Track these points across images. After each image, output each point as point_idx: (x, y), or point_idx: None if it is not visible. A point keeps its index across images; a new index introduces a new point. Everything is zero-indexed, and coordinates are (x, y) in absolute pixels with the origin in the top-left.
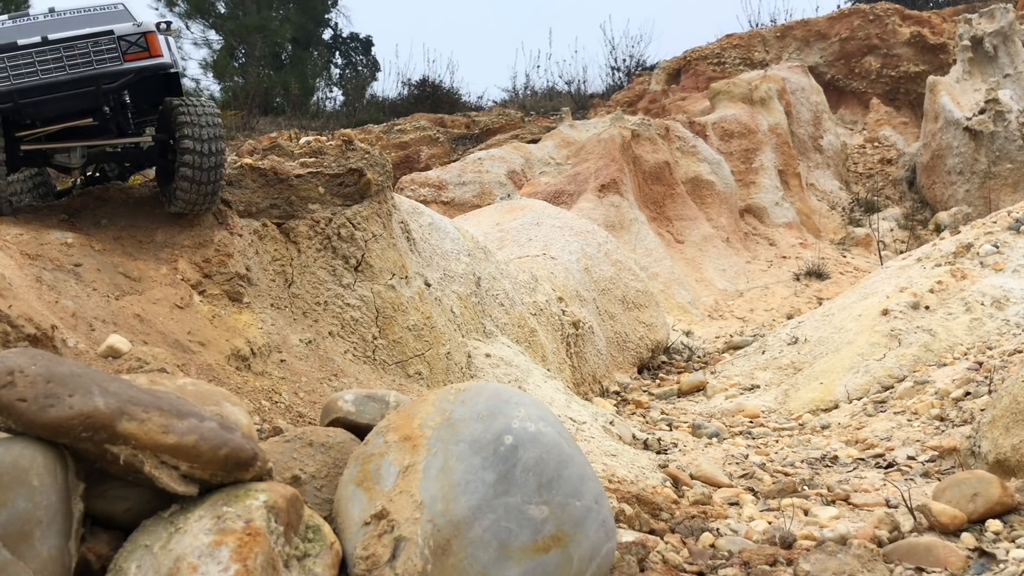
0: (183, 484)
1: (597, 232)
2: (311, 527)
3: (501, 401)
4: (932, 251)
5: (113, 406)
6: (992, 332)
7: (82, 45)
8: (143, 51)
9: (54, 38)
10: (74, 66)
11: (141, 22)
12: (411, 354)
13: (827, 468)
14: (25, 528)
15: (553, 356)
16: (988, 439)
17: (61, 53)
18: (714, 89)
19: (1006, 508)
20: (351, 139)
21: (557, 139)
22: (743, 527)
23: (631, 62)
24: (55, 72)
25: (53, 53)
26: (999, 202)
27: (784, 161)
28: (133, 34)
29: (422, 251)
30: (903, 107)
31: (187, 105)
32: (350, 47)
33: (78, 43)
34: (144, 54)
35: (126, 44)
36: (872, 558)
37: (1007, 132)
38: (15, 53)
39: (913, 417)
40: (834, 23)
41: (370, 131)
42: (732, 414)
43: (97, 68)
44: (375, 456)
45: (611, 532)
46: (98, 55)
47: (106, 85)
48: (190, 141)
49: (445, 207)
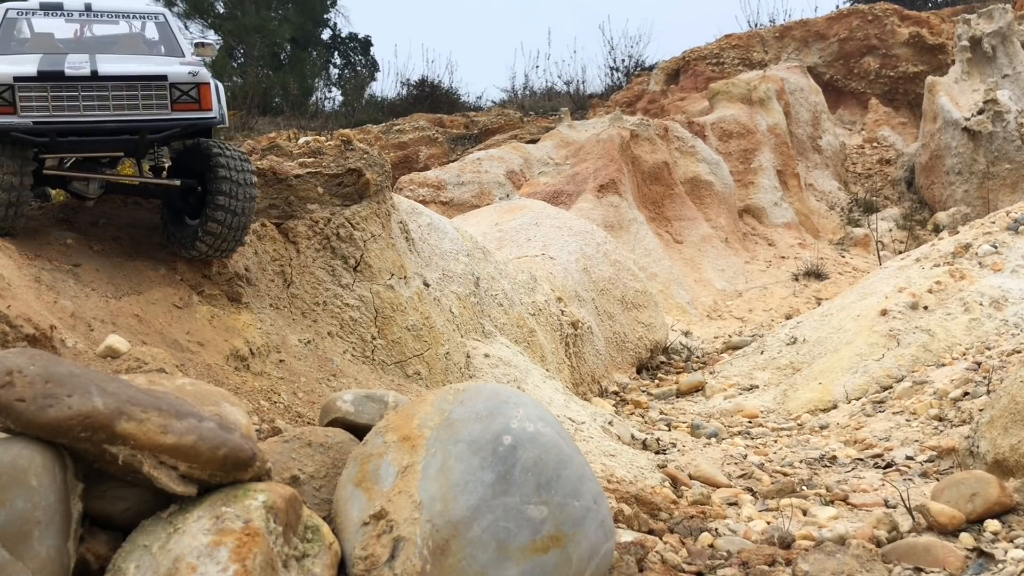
0: (182, 484)
1: (596, 232)
2: (310, 527)
3: (500, 401)
4: (931, 251)
5: (112, 406)
6: (991, 332)
7: (131, 86)
8: (194, 103)
9: (105, 73)
10: (119, 107)
11: (197, 70)
12: (410, 354)
13: (826, 468)
14: (24, 528)
15: (552, 356)
16: (986, 439)
17: (108, 92)
18: (713, 89)
19: (1004, 508)
20: (350, 139)
21: (556, 139)
22: (742, 527)
23: (630, 62)
24: (99, 111)
25: (100, 91)
26: (997, 202)
27: (783, 161)
28: (187, 83)
29: (421, 251)
30: (902, 107)
31: (225, 155)
32: (349, 47)
33: (128, 84)
34: (194, 106)
35: (177, 92)
36: (871, 558)
37: (1005, 132)
38: (60, 83)
39: (912, 417)
40: (833, 23)
41: (369, 131)
42: (731, 414)
43: (143, 114)
44: (374, 456)
45: (610, 532)
46: (146, 99)
47: (151, 136)
48: (225, 198)
49: (444, 207)
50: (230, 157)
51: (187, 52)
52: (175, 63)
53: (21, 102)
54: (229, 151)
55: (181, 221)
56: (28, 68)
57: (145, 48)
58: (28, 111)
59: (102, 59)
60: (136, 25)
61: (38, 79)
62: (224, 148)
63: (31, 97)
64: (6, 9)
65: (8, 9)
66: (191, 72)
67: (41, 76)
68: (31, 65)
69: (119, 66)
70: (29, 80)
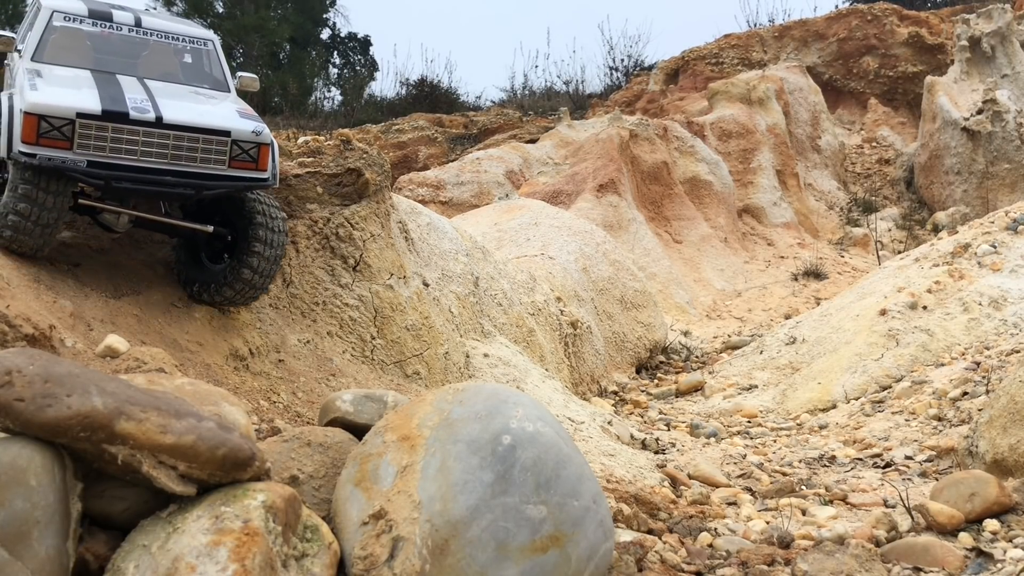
0: (181, 484)
1: (595, 232)
2: (309, 527)
3: (499, 401)
4: (930, 251)
5: (111, 406)
6: (990, 332)
7: (193, 138)
8: (251, 162)
9: (169, 121)
10: (176, 157)
11: (260, 129)
12: (409, 354)
13: (825, 468)
14: (23, 528)
15: (551, 356)
16: (986, 439)
17: (169, 140)
18: (712, 89)
19: (1003, 508)
20: (349, 139)
21: (555, 139)
22: (741, 527)
23: (629, 62)
24: (157, 158)
25: (162, 138)
26: (997, 202)
27: (782, 161)
28: (249, 143)
29: (420, 251)
30: (901, 107)
31: (262, 204)
32: (348, 47)
33: (190, 134)
34: (251, 165)
35: (237, 150)
36: (870, 558)
37: (1005, 132)
38: (121, 125)
39: (911, 417)
40: (832, 23)
41: (368, 131)
42: (730, 414)
43: (200, 167)
44: (373, 456)
45: (609, 532)
46: (205, 153)
47: (206, 191)
48: (260, 245)
49: (443, 207)
50: (266, 206)
51: (231, 84)
52: (232, 110)
53: (79, 139)
54: (265, 201)
55: (199, 263)
56: (91, 103)
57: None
58: (84, 149)
59: (163, 99)
60: (183, 48)
61: (101, 118)
62: (259, 197)
63: (90, 135)
64: (52, 11)
65: (54, 12)
66: (254, 131)
67: (105, 115)
68: (93, 98)
69: (184, 114)
70: (91, 117)
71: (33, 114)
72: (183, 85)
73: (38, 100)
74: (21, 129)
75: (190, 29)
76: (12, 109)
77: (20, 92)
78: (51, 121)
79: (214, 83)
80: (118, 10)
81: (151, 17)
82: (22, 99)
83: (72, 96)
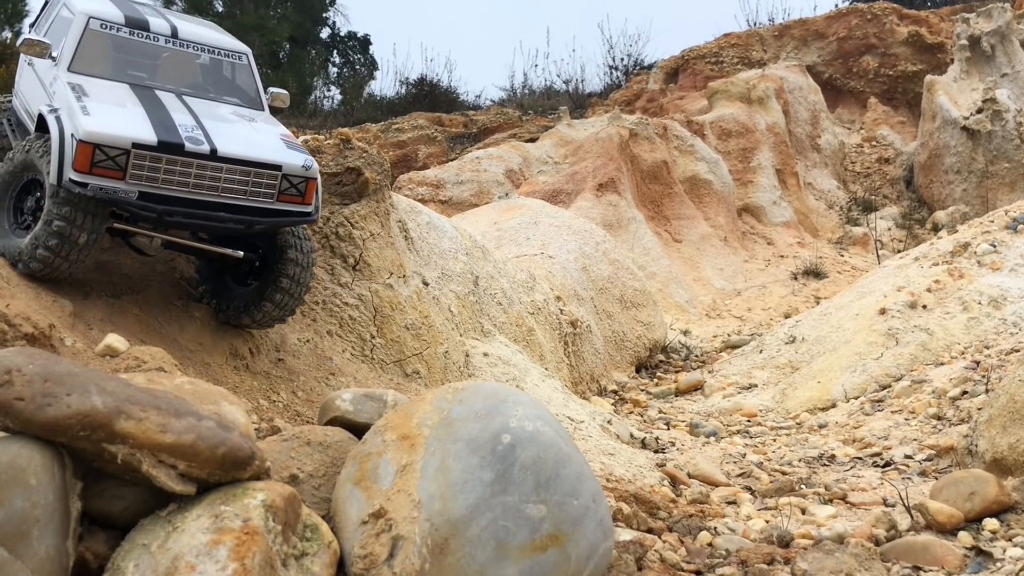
0: (181, 483)
1: (595, 231)
2: (309, 526)
3: (499, 400)
4: (929, 250)
5: (111, 405)
6: (989, 331)
7: (245, 171)
8: (298, 196)
9: (224, 155)
10: (227, 191)
11: (310, 164)
12: (409, 353)
13: (824, 467)
14: (23, 527)
15: (551, 355)
16: (985, 438)
17: (222, 173)
18: (712, 88)
19: (1003, 507)
20: (349, 138)
21: (555, 138)
22: (740, 526)
23: (629, 61)
24: (207, 191)
25: (214, 170)
26: (996, 201)
27: (782, 160)
28: (297, 176)
29: (420, 250)
30: (901, 106)
31: (295, 235)
32: (348, 46)
33: (242, 167)
34: (298, 199)
35: (286, 184)
36: (869, 557)
37: (1004, 131)
38: (175, 157)
39: (910, 416)
40: (832, 22)
41: (368, 130)
42: (730, 413)
43: (249, 200)
44: (373, 455)
45: (609, 531)
46: (255, 187)
47: (256, 227)
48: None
49: (443, 206)
50: (299, 238)
51: (264, 100)
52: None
53: (132, 169)
54: (297, 230)
55: (226, 286)
56: (146, 133)
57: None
58: (137, 180)
59: (211, 125)
60: (218, 61)
61: (157, 149)
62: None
63: (143, 166)
64: (88, 18)
65: (91, 19)
66: (304, 166)
67: (161, 146)
68: (146, 127)
69: (237, 147)
70: (147, 148)
71: (88, 143)
72: (220, 103)
73: (93, 128)
74: (74, 157)
75: (225, 40)
76: (63, 133)
77: (69, 114)
78: (106, 151)
79: (249, 100)
80: (154, 17)
81: (186, 24)
82: (73, 123)
83: (125, 123)
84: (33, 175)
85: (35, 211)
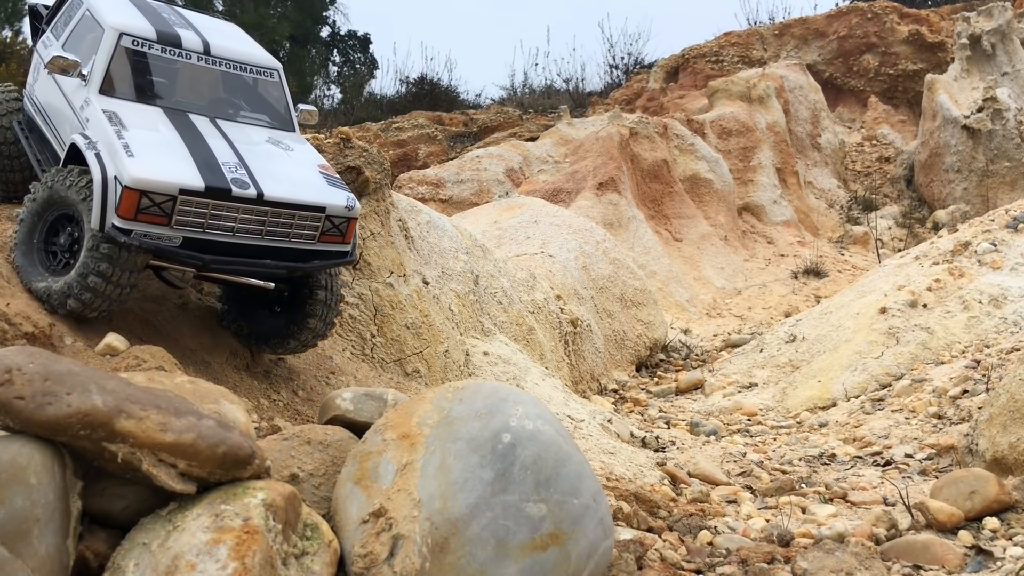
0: (181, 482)
1: (595, 230)
2: (309, 525)
3: (499, 399)
4: (930, 249)
5: (111, 404)
6: (990, 330)
7: (289, 213)
8: (339, 236)
9: (270, 199)
10: (271, 233)
11: (353, 204)
12: (409, 352)
13: (825, 466)
14: (23, 526)
15: (551, 354)
16: (985, 437)
17: (266, 216)
18: (712, 87)
19: (1003, 506)
20: (349, 137)
21: (555, 137)
22: (741, 525)
23: (629, 60)
24: (252, 235)
25: (259, 214)
26: (997, 200)
27: (782, 159)
28: (341, 218)
29: (420, 249)
30: (901, 105)
31: (327, 273)
32: (348, 45)
33: (287, 210)
34: (338, 239)
35: (329, 225)
36: (869, 556)
37: (1005, 130)
38: (221, 203)
39: (911, 415)
40: (832, 21)
41: (368, 129)
42: (730, 412)
43: (292, 243)
44: (373, 454)
45: (609, 530)
46: (299, 228)
47: (298, 272)
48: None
49: (443, 205)
50: (329, 274)
51: (295, 120)
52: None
53: (178, 215)
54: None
55: (254, 315)
56: (193, 178)
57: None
58: (181, 225)
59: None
60: (250, 79)
61: (204, 194)
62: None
63: (189, 211)
64: (119, 34)
65: (123, 35)
66: (347, 206)
67: (208, 192)
68: (192, 170)
69: (282, 189)
70: (194, 194)
71: (135, 189)
72: (253, 125)
73: (140, 175)
74: (119, 203)
75: (256, 55)
76: (106, 175)
77: (111, 153)
78: (152, 197)
79: (280, 119)
80: (185, 30)
81: (218, 38)
82: (117, 165)
83: (172, 166)
84: (63, 211)
85: (70, 250)
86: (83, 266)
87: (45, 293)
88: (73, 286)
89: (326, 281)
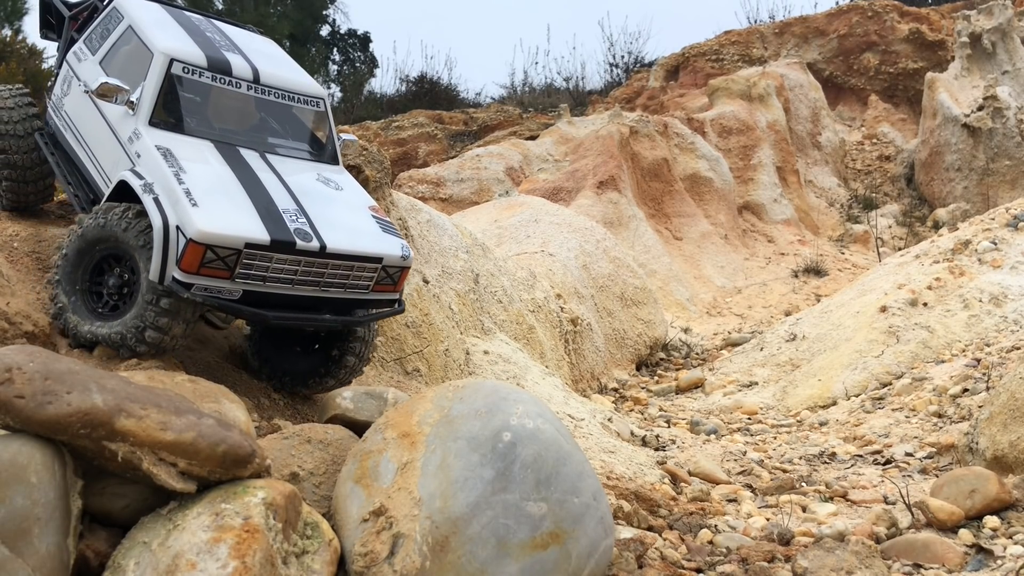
0: (181, 481)
1: (595, 229)
2: (309, 524)
3: (499, 398)
4: (930, 248)
5: (111, 403)
6: (990, 329)
7: (348, 265)
8: (391, 285)
9: (332, 250)
10: (328, 284)
11: (408, 254)
12: (409, 351)
13: (825, 465)
14: (23, 525)
15: (551, 353)
16: (986, 436)
17: (327, 268)
18: (712, 86)
19: (1004, 504)
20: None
21: (555, 136)
22: (741, 524)
23: (629, 59)
24: (309, 287)
25: (320, 266)
26: (997, 199)
27: (782, 158)
28: (396, 268)
29: (420, 248)
30: (901, 104)
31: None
32: (348, 43)
33: (346, 263)
34: (391, 288)
35: (383, 275)
36: (870, 554)
37: (1005, 129)
38: (283, 256)
39: (911, 414)
40: (832, 20)
41: (368, 128)
42: (730, 411)
43: (347, 293)
44: (373, 453)
45: (609, 529)
46: (355, 279)
47: (352, 324)
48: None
49: (443, 204)
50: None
51: (339, 153)
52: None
53: (241, 268)
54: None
55: (288, 353)
56: (258, 230)
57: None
58: (243, 278)
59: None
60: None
61: (269, 248)
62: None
63: (252, 265)
64: (170, 60)
65: (173, 61)
66: (403, 256)
67: (273, 245)
68: (255, 221)
69: (343, 240)
70: (259, 247)
71: (200, 244)
72: (301, 160)
73: (207, 228)
74: (181, 256)
75: (304, 83)
76: (167, 225)
77: (172, 200)
78: (217, 252)
79: (326, 153)
80: (232, 54)
81: (266, 64)
82: (179, 215)
83: (236, 218)
84: (112, 251)
85: (120, 292)
86: (140, 318)
87: (99, 338)
88: (128, 337)
89: (363, 333)
